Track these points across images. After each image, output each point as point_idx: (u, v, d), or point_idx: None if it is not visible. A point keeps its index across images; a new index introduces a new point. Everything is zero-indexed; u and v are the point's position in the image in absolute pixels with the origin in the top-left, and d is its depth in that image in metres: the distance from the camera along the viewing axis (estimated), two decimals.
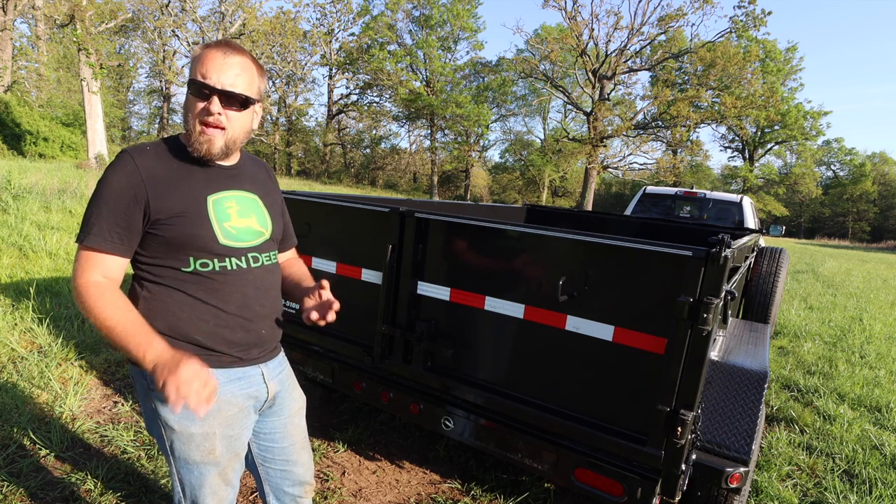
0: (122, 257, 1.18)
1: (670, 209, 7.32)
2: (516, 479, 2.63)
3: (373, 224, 2.23)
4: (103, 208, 1.15)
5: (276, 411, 1.46)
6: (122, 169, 1.17)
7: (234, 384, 1.30)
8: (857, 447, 3.30)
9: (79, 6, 14.65)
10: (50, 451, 2.45)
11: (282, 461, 1.50)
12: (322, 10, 32.87)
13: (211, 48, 1.19)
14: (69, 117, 21.34)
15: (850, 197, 48.03)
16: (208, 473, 1.29)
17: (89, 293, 1.12)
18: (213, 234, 1.23)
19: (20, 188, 8.33)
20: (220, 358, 1.28)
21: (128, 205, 1.16)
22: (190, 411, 1.19)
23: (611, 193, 47.84)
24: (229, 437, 1.30)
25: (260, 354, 1.37)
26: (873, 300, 9.55)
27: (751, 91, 26.75)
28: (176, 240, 1.20)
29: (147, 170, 1.18)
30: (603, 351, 1.74)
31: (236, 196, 1.30)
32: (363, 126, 40.62)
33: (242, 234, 1.29)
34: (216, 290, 1.25)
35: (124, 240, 1.17)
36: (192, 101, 1.20)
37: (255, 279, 1.32)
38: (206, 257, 1.23)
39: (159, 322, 1.21)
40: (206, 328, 1.25)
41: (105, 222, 1.15)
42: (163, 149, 1.24)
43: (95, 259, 1.15)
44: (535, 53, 31.67)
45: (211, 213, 1.24)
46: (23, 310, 4.13)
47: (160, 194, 1.18)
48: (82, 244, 1.15)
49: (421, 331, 2.10)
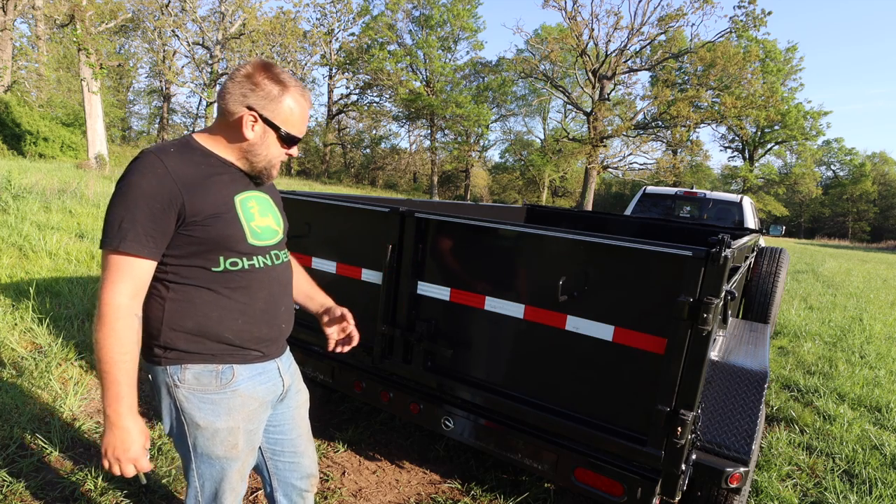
0: (154, 261, 1.18)
1: (670, 209, 7.32)
2: (516, 479, 2.63)
3: (373, 224, 2.23)
4: (137, 212, 1.12)
5: (285, 404, 1.50)
6: (152, 171, 1.14)
7: (256, 379, 1.33)
8: (857, 447, 3.30)
9: (79, 6, 14.65)
10: (50, 451, 2.45)
11: (290, 453, 1.54)
12: (322, 10, 32.89)
13: (300, 99, 1.27)
14: (69, 117, 21.34)
15: (850, 197, 48.03)
16: (230, 468, 1.33)
17: (112, 314, 1.12)
18: (244, 233, 1.26)
19: (20, 188, 8.33)
20: (247, 354, 1.31)
21: (162, 208, 1.14)
22: (217, 406, 1.26)
23: (611, 193, 47.83)
24: (250, 432, 1.34)
25: (278, 349, 1.42)
26: (873, 300, 9.55)
27: (751, 91, 26.74)
28: (210, 240, 1.21)
29: (177, 171, 1.17)
30: (603, 351, 1.74)
31: (255, 196, 1.33)
32: (363, 126, 40.65)
33: (265, 233, 1.32)
34: (244, 288, 1.28)
35: (159, 244, 1.16)
36: (277, 143, 1.29)
37: (278, 276, 1.37)
38: (236, 256, 1.26)
39: (189, 322, 1.23)
40: (234, 326, 1.27)
41: (141, 227, 1.12)
42: (184, 150, 1.24)
43: (130, 265, 1.13)
44: (535, 53, 31.66)
45: (240, 212, 1.26)
46: (23, 310, 4.13)
47: (194, 196, 1.18)
48: (117, 250, 1.12)
49: (421, 331, 2.10)
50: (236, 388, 1.28)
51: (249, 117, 1.23)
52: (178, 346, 1.23)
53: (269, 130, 1.26)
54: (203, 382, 1.25)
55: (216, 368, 1.26)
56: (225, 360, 1.27)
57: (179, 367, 1.24)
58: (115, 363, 1.12)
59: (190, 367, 1.24)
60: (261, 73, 1.22)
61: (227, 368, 1.27)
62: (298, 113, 1.28)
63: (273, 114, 1.24)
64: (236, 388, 1.28)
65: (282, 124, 1.26)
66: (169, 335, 1.22)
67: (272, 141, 1.28)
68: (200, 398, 1.25)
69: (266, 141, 1.27)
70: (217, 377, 1.26)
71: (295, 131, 1.29)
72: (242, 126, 1.24)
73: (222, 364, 1.27)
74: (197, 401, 1.25)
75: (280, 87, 1.23)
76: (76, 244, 6.55)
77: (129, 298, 1.14)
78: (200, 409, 1.26)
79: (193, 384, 1.25)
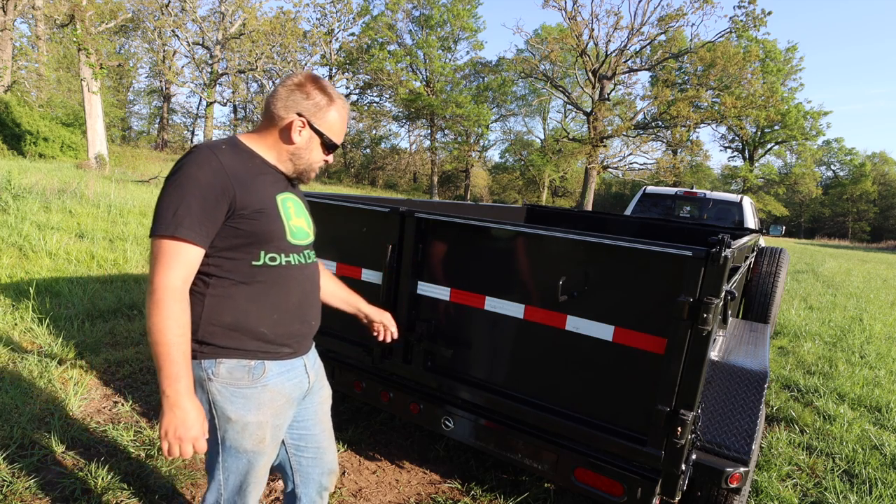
0: (203, 249, 1.23)
1: (670, 209, 7.32)
2: (516, 479, 2.63)
3: (373, 224, 2.23)
4: (192, 202, 1.18)
5: (308, 400, 1.55)
6: (207, 164, 1.22)
7: (284, 376, 1.39)
8: (857, 447, 3.30)
9: (79, 6, 14.65)
10: (50, 451, 2.45)
11: (314, 448, 1.59)
12: (322, 10, 32.85)
13: (342, 110, 1.40)
14: (69, 117, 21.31)
15: (850, 197, 48.02)
16: (256, 463, 1.38)
17: (168, 297, 1.16)
18: (284, 230, 1.34)
19: (20, 188, 8.33)
20: (278, 351, 1.37)
21: (216, 199, 1.21)
22: (248, 401, 1.31)
23: (611, 193, 47.83)
24: (276, 427, 1.39)
25: (307, 346, 1.48)
26: (873, 300, 9.55)
27: (751, 91, 26.72)
28: (254, 234, 1.28)
29: (230, 166, 1.25)
30: (603, 351, 1.74)
31: (292, 198, 1.41)
32: (363, 126, 40.59)
33: (299, 233, 1.40)
34: (280, 284, 1.34)
35: (209, 233, 1.23)
36: (319, 148, 1.41)
37: (310, 274, 1.45)
38: (275, 251, 1.32)
39: (227, 317, 1.28)
40: (270, 321, 1.33)
41: (195, 215, 1.19)
42: (234, 149, 1.32)
43: (183, 251, 1.18)
44: (535, 53, 31.65)
45: (281, 210, 1.34)
46: (23, 310, 4.13)
47: (244, 190, 1.26)
48: (172, 236, 1.17)
49: (421, 331, 2.10)
50: (266, 383, 1.34)
51: (298, 123, 1.34)
52: (215, 341, 1.28)
53: (315, 136, 1.38)
54: (236, 377, 1.30)
55: (249, 364, 1.32)
56: (257, 356, 1.33)
57: (214, 362, 1.29)
58: (172, 344, 1.16)
59: (224, 362, 1.29)
60: (311, 83, 1.35)
61: (258, 364, 1.33)
62: (340, 123, 1.41)
63: (320, 122, 1.36)
64: (266, 384, 1.34)
65: (326, 131, 1.38)
66: (207, 330, 1.28)
67: (315, 146, 1.40)
68: (233, 392, 1.30)
69: (310, 146, 1.39)
70: (249, 372, 1.32)
71: (336, 139, 1.41)
72: (291, 130, 1.34)
73: (254, 360, 1.32)
74: (229, 395, 1.30)
75: (328, 99, 1.36)
76: (76, 244, 6.55)
77: (182, 282, 1.19)
78: (233, 403, 1.30)
79: (227, 378, 1.30)
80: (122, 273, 5.87)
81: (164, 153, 29.85)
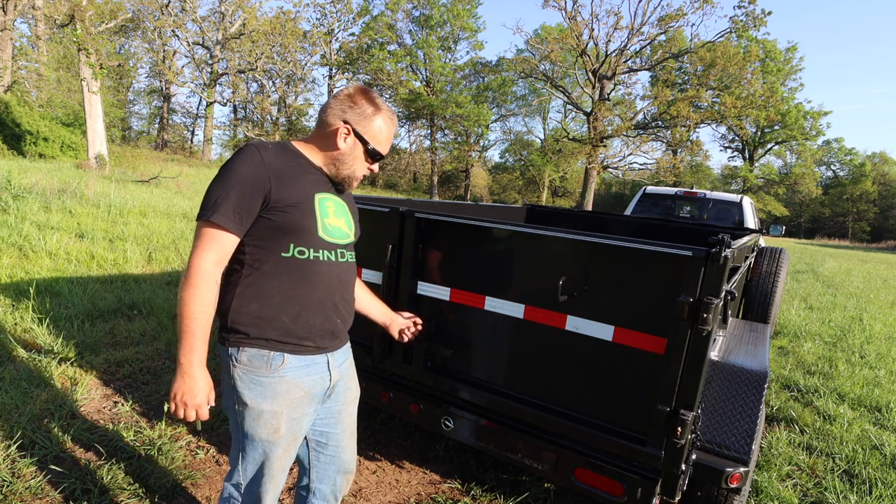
0: (237, 237, 1.32)
1: (670, 209, 7.32)
2: (516, 479, 2.63)
3: (373, 224, 2.23)
4: (230, 191, 1.28)
5: (333, 398, 1.58)
6: (249, 159, 1.32)
7: (303, 370, 1.43)
8: (857, 447, 3.30)
9: (79, 6, 14.65)
10: (50, 451, 2.45)
11: (333, 446, 1.63)
12: (322, 10, 32.80)
13: (388, 121, 1.47)
14: (69, 117, 21.30)
15: (850, 197, 48.02)
16: (271, 453, 1.43)
17: (197, 276, 1.27)
18: (315, 226, 1.40)
19: (20, 188, 8.33)
20: (300, 345, 1.41)
21: (252, 190, 1.30)
22: (264, 388, 1.37)
23: (611, 193, 47.82)
24: (293, 419, 1.43)
25: (331, 344, 1.50)
26: (873, 300, 9.55)
27: (751, 91, 26.70)
28: (285, 226, 1.35)
29: (270, 163, 1.33)
30: (603, 351, 1.74)
31: (333, 199, 1.48)
32: None
33: (335, 232, 1.46)
34: (306, 278, 1.39)
35: (244, 221, 1.31)
36: (364, 157, 1.48)
37: (340, 272, 1.48)
38: (304, 245, 1.39)
39: (253, 306, 1.36)
40: (292, 311, 1.39)
41: (231, 204, 1.28)
42: (281, 149, 1.40)
43: (217, 236, 1.29)
44: (535, 53, 31.64)
45: (316, 208, 1.41)
46: (23, 310, 4.13)
47: (281, 185, 1.33)
48: (207, 220, 1.27)
49: (421, 331, 2.10)
50: (283, 374, 1.39)
51: (344, 129, 1.43)
52: (241, 329, 1.36)
53: (359, 144, 1.45)
54: (255, 365, 1.36)
55: (268, 354, 1.37)
56: (277, 346, 1.38)
57: (237, 349, 1.37)
58: (193, 318, 1.26)
59: (246, 350, 1.36)
60: (360, 94, 1.44)
61: (278, 355, 1.38)
62: (385, 133, 1.48)
63: (364, 129, 1.44)
64: (283, 375, 1.39)
65: (370, 140, 1.45)
66: (236, 318, 1.36)
67: (359, 153, 1.46)
68: (251, 379, 1.37)
69: (354, 152, 1.46)
70: (267, 362, 1.37)
71: (380, 148, 1.48)
72: (337, 136, 1.43)
73: (275, 351, 1.38)
74: (248, 381, 1.37)
75: (374, 108, 1.44)
76: (76, 244, 6.55)
77: (213, 265, 1.29)
78: (250, 390, 1.37)
79: (247, 365, 1.36)
80: (122, 273, 5.87)
81: (164, 153, 29.86)
